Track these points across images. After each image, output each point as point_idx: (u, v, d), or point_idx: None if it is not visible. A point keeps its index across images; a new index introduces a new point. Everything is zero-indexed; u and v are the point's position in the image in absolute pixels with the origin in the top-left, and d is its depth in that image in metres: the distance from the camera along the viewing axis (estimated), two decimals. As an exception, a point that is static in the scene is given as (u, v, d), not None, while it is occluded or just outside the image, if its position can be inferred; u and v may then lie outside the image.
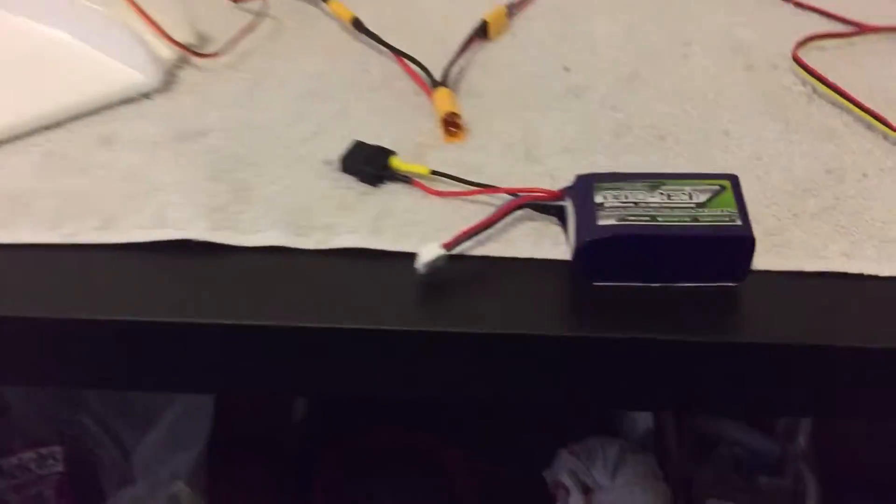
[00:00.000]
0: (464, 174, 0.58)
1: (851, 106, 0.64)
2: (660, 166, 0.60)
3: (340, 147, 0.60)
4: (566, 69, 0.70)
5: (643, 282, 0.52)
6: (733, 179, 0.52)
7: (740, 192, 0.51)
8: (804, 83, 0.67)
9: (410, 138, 0.62)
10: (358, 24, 0.72)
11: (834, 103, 0.65)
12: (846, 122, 0.63)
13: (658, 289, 0.51)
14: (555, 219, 0.55)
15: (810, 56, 0.68)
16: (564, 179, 0.55)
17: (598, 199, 0.51)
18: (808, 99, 0.66)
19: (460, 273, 0.52)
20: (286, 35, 0.73)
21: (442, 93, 0.64)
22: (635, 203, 0.50)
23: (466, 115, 0.64)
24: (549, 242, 0.54)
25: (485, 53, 0.72)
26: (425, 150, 0.61)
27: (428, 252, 0.51)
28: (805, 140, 0.62)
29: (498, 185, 0.56)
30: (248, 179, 0.58)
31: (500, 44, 0.73)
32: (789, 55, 0.68)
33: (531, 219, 0.55)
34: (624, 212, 0.50)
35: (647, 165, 0.60)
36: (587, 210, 0.50)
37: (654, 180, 0.52)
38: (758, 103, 0.65)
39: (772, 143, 0.61)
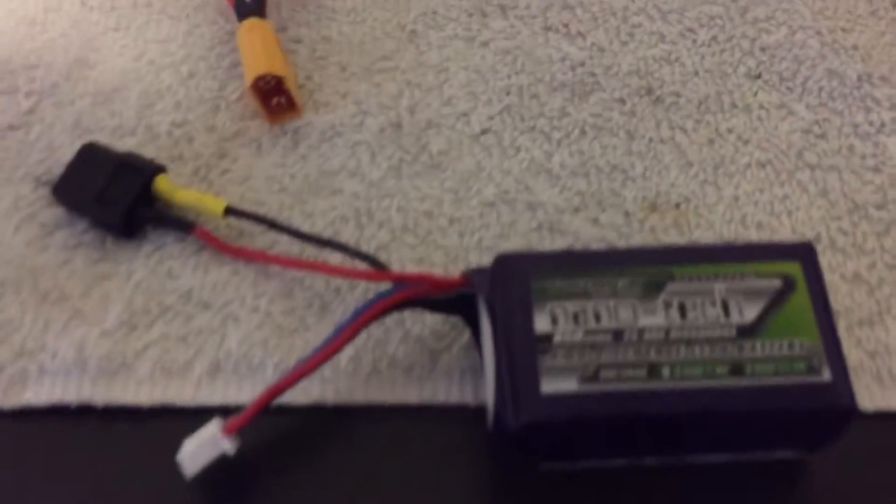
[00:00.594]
0: (297, 203, 0.31)
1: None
2: (652, 174, 0.33)
3: (66, 146, 0.32)
4: (484, -51, 0.40)
5: (630, 459, 0.27)
6: (805, 256, 0.26)
7: (821, 285, 0.25)
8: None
9: (200, 119, 0.34)
10: None
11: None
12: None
13: (659, 469, 0.27)
14: (457, 317, 0.28)
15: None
16: (483, 203, 0.29)
17: (542, 320, 0.24)
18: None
19: (271, 443, 0.27)
20: None
21: (252, 30, 0.34)
22: (616, 332, 0.24)
23: (306, 68, 0.35)
24: (451, 367, 0.28)
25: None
26: (227, 146, 0.33)
27: (196, 453, 0.25)
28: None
29: (348, 245, 0.30)
30: None
31: None
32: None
33: (414, 312, 0.29)
34: (593, 356, 0.24)
35: (634, 161, 0.33)
36: (519, 348, 0.24)
37: (652, 270, 0.25)
38: (808, 2, 0.37)
39: (840, 95, 0.34)
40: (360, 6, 0.38)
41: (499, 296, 0.25)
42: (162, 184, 0.31)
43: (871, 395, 0.28)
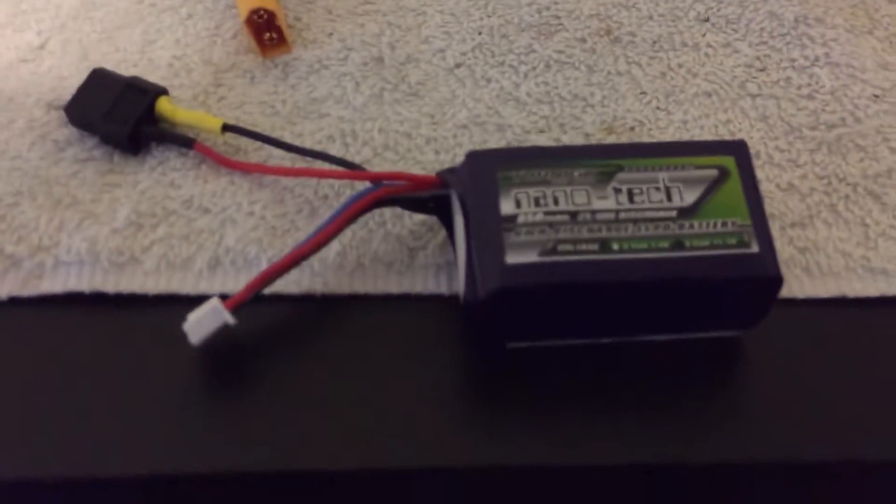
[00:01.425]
0: (287, 125, 0.34)
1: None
2: (610, 102, 0.36)
3: (75, 76, 0.35)
4: None
5: (587, 338, 0.30)
6: (739, 152, 0.29)
7: (752, 175, 0.29)
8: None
9: (198, 54, 0.37)
10: None
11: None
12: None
13: (613, 347, 0.30)
14: (434, 216, 0.32)
15: None
16: (457, 125, 0.32)
17: (507, 204, 0.28)
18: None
19: (267, 327, 0.30)
20: None
21: (246, -29, 0.37)
22: (572, 213, 0.28)
23: (295, 10, 0.39)
24: (427, 262, 0.32)
25: None
26: (223, 77, 0.36)
27: (201, 321, 0.28)
28: (838, 31, 0.38)
29: (335, 155, 0.33)
30: None
31: None
32: None
33: (395, 214, 0.32)
34: (552, 234, 0.27)
35: (594, 93, 0.36)
36: (487, 228, 0.27)
37: (604, 162, 0.29)
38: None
39: (779, 34, 0.38)
40: (345, -42, 0.42)
41: (469, 186, 0.29)
42: (164, 104, 0.34)
43: (802, 285, 0.32)
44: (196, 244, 0.32)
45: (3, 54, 0.37)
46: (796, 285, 0.32)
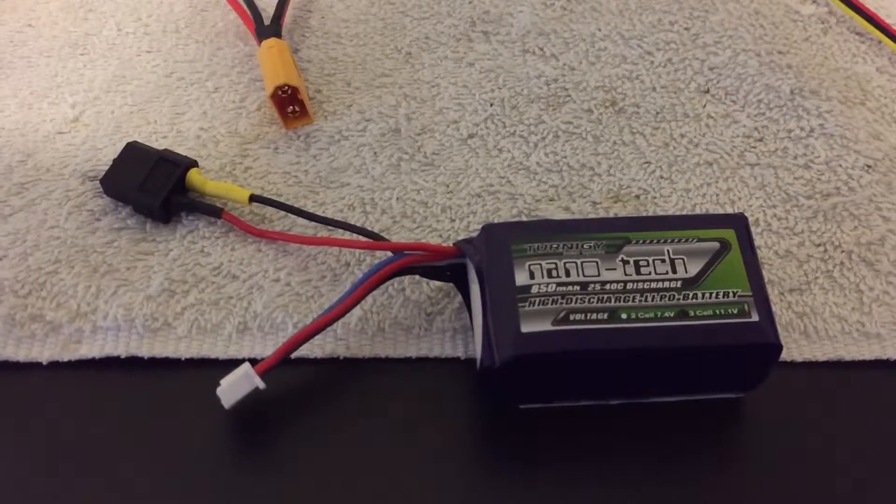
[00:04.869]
0: (310, 193, 0.36)
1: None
2: (616, 171, 0.38)
3: (108, 147, 0.37)
4: (469, -15, 0.46)
5: (596, 399, 0.32)
6: (739, 226, 0.31)
7: (752, 248, 0.30)
8: None
9: (224, 126, 0.39)
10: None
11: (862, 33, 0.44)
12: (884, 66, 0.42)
13: (620, 407, 0.31)
14: (450, 283, 0.33)
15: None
16: (471, 194, 0.34)
17: (521, 275, 0.30)
18: (824, 26, 0.44)
19: (293, 389, 0.32)
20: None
21: (271, 48, 0.40)
22: (582, 284, 0.29)
23: (316, 83, 0.41)
24: (444, 327, 0.33)
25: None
26: (249, 148, 0.38)
27: (234, 386, 0.30)
28: (832, 103, 0.40)
29: (355, 224, 0.35)
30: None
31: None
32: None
33: (413, 281, 0.34)
34: (564, 303, 0.29)
35: (605, 156, 0.38)
36: (502, 298, 0.29)
37: (612, 235, 0.30)
38: (750, 28, 0.43)
39: (776, 106, 0.40)
40: (363, 32, 0.44)
41: (485, 258, 0.30)
42: (194, 176, 0.36)
43: (800, 348, 0.33)
44: (225, 310, 0.33)
45: (40, 126, 0.39)
46: (794, 348, 0.33)
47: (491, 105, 0.41)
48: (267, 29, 0.41)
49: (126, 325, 0.33)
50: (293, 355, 0.31)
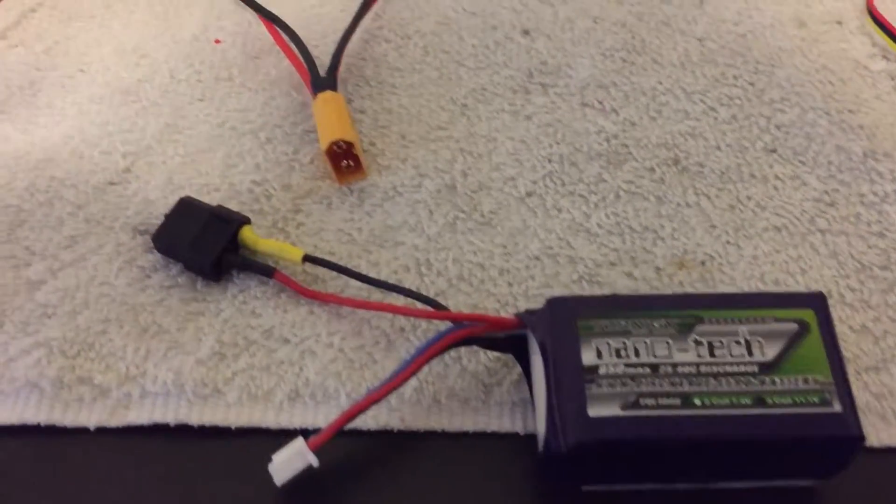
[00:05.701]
0: (363, 253, 0.35)
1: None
2: (680, 235, 0.37)
3: (160, 200, 0.36)
4: (526, 33, 0.45)
5: (663, 484, 0.30)
6: (818, 306, 0.29)
7: (832, 330, 0.29)
8: (885, 52, 0.43)
9: (277, 179, 0.38)
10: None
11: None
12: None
13: (688, 492, 0.30)
14: (509, 354, 0.32)
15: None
16: (529, 257, 0.33)
17: (588, 354, 0.28)
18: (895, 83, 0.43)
19: (345, 463, 0.31)
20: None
21: (327, 102, 0.39)
22: (653, 366, 0.28)
23: (370, 135, 0.40)
24: (502, 400, 0.32)
25: (396, 18, 0.47)
26: (301, 203, 0.38)
27: (286, 463, 0.28)
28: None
29: (411, 289, 0.34)
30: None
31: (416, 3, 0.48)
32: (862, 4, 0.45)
33: (470, 350, 0.33)
34: (634, 386, 0.28)
35: (665, 228, 0.37)
36: (569, 378, 0.28)
37: (684, 312, 0.29)
38: (818, 85, 0.42)
39: (847, 169, 0.39)
40: (418, 82, 0.43)
41: (550, 334, 0.29)
42: (247, 233, 0.35)
43: (878, 433, 0.32)
44: (277, 376, 0.32)
45: (91, 177, 0.39)
46: (872, 432, 0.32)
47: (549, 161, 0.40)
48: (322, 81, 0.40)
49: (175, 391, 0.32)
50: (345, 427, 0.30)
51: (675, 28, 0.46)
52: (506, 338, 0.32)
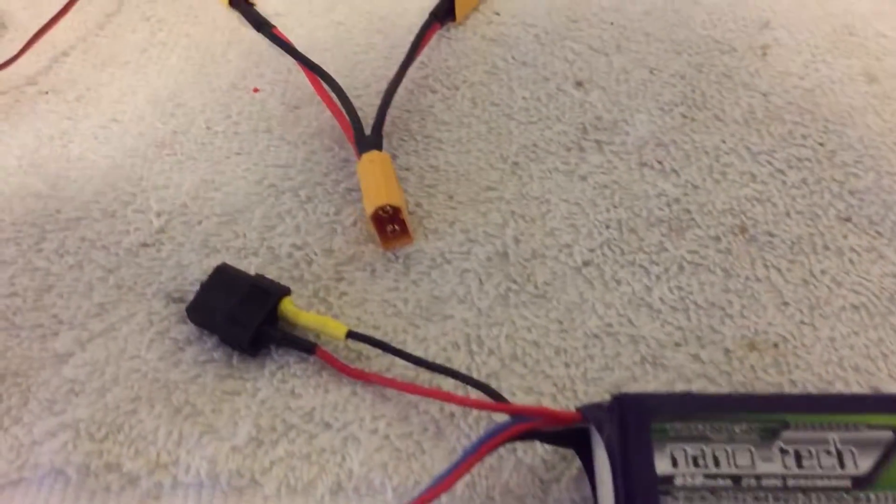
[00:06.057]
0: (410, 327, 0.33)
1: None
2: (750, 312, 0.34)
3: (195, 265, 0.34)
4: (579, 85, 0.43)
5: None
6: (917, 409, 0.27)
7: (932, 438, 0.26)
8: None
9: (318, 242, 0.36)
10: (239, 3, 0.45)
11: None
12: None
13: None
14: (569, 450, 0.30)
15: None
16: (587, 334, 0.31)
17: (663, 461, 0.26)
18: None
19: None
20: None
21: (373, 163, 0.37)
22: (734, 478, 0.25)
23: (416, 194, 0.38)
24: (561, 497, 0.30)
25: (443, 67, 0.44)
26: (344, 270, 0.35)
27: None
28: None
29: (464, 374, 0.32)
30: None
31: (471, 43, 0.46)
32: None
33: (526, 442, 0.31)
34: (713, 501, 0.25)
35: (733, 303, 0.34)
36: (642, 489, 0.25)
37: (768, 417, 0.26)
38: (893, 147, 0.40)
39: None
40: (465, 137, 0.41)
41: (618, 435, 0.27)
42: (287, 306, 0.33)
43: (975, 545, 0.29)
44: (318, 465, 0.30)
45: (124, 238, 0.37)
46: (969, 545, 0.29)
47: (607, 227, 0.37)
48: (368, 139, 0.38)
49: (209, 482, 0.30)
50: (393, 528, 0.28)
51: (738, 81, 0.43)
52: (566, 431, 0.29)
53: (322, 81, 0.41)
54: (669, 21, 0.46)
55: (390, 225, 0.36)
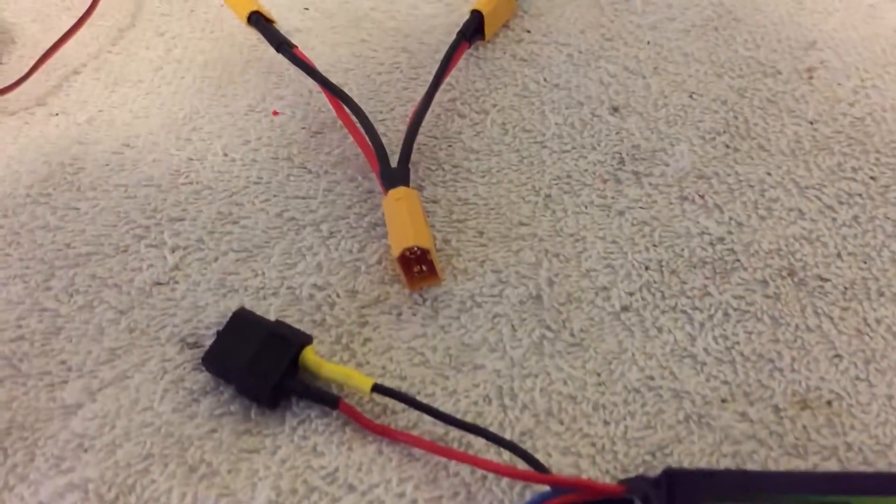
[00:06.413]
0: (439, 378, 0.31)
1: None
2: (801, 366, 0.32)
3: (211, 306, 0.32)
4: (615, 110, 0.40)
5: None
6: None
7: None
8: None
9: (341, 282, 0.34)
10: (258, 21, 0.43)
11: None
12: None
13: None
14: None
15: None
16: (627, 388, 0.28)
17: (715, 548, 0.24)
18: None
19: None
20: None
21: (400, 200, 0.35)
22: (795, 570, 0.23)
23: (443, 230, 0.36)
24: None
25: (471, 89, 0.42)
26: (368, 313, 0.33)
27: None
28: None
29: (499, 436, 0.30)
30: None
31: (500, 63, 0.43)
32: None
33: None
34: None
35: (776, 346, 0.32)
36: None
37: (829, 500, 0.24)
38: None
39: None
40: (496, 167, 0.39)
41: (668, 513, 0.25)
42: (309, 356, 0.31)
43: None
44: (341, 533, 0.28)
45: (136, 276, 0.35)
46: None
47: (647, 269, 0.35)
48: (394, 174, 0.35)
49: (227, 552, 0.28)
50: None
51: (783, 107, 0.41)
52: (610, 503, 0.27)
53: (345, 107, 0.39)
54: (709, 40, 0.44)
55: (417, 265, 0.34)
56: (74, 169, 0.39)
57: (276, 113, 0.41)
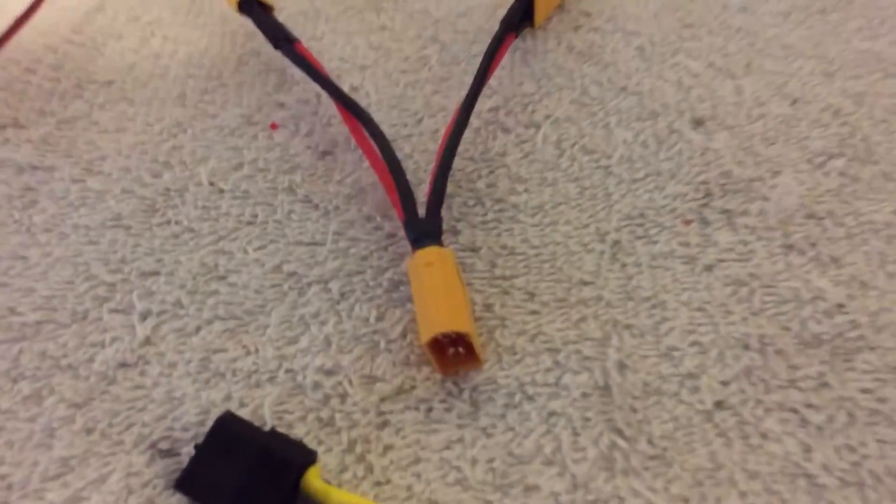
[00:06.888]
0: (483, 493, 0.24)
1: None
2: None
3: (190, 398, 0.25)
4: (698, 123, 0.32)
5: None
6: None
7: None
8: None
9: (354, 365, 0.27)
10: (251, 8, 0.34)
11: None
12: None
13: None
14: None
15: None
16: None
17: None
18: None
19: None
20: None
21: (430, 266, 0.27)
22: None
23: (484, 291, 0.28)
24: None
25: (518, 94, 0.34)
26: (388, 409, 0.26)
27: None
28: None
29: None
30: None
31: (553, 58, 0.35)
32: None
33: None
34: None
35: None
36: None
37: None
38: None
39: None
40: (549, 202, 0.31)
41: None
42: (313, 480, 0.24)
43: None
44: None
45: (97, 354, 0.28)
46: None
47: (745, 348, 0.27)
48: (422, 227, 0.28)
49: None
50: None
51: (912, 120, 0.32)
52: None
53: (361, 126, 0.30)
54: (815, 28, 0.35)
55: (453, 347, 0.27)
56: (26, 202, 0.31)
57: (274, 126, 0.33)
